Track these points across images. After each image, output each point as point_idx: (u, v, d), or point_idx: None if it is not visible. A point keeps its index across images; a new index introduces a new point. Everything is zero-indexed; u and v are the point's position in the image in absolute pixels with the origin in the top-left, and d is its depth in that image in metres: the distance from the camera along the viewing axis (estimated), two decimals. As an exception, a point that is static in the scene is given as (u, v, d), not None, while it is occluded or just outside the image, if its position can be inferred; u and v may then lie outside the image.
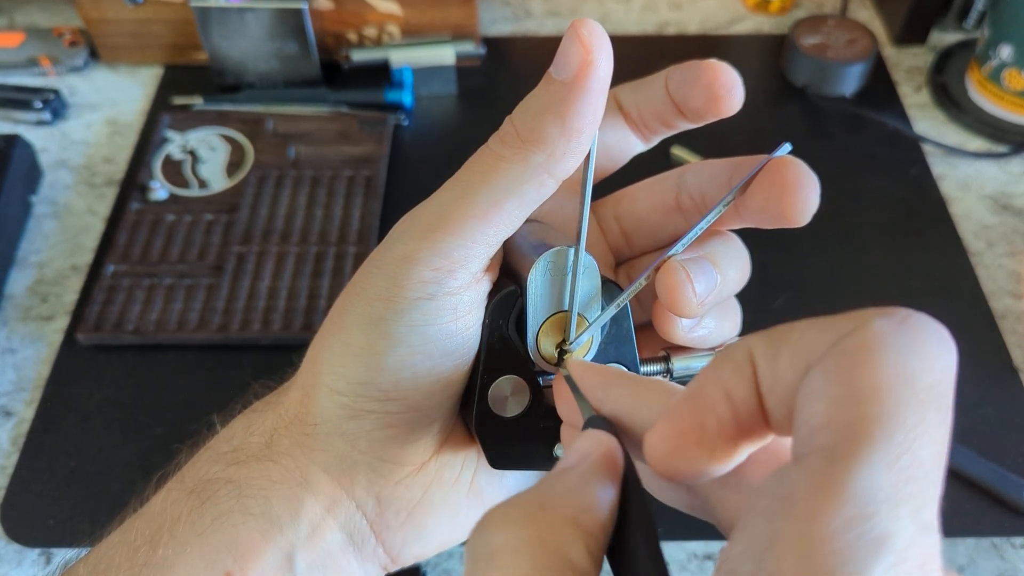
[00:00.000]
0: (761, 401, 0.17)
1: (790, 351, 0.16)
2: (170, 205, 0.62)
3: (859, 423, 0.14)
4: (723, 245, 0.27)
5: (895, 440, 0.14)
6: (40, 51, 0.74)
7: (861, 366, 0.15)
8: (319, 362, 0.26)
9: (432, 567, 0.47)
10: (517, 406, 0.27)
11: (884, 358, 0.14)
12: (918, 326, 0.15)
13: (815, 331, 0.16)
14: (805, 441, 0.15)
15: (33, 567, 0.47)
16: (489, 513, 0.18)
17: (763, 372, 0.16)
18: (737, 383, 0.17)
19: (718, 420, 0.17)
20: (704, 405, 0.17)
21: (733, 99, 0.25)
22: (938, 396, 0.15)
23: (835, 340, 0.15)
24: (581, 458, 0.19)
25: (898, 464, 0.14)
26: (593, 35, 0.22)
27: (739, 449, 0.17)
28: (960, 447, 0.50)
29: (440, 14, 0.72)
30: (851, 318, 0.15)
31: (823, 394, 0.15)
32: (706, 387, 0.17)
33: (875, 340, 0.15)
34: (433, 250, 0.24)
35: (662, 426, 0.17)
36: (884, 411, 0.14)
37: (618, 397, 0.21)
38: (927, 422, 0.14)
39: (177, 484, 0.27)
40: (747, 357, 0.17)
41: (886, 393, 0.14)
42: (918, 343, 0.15)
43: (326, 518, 0.27)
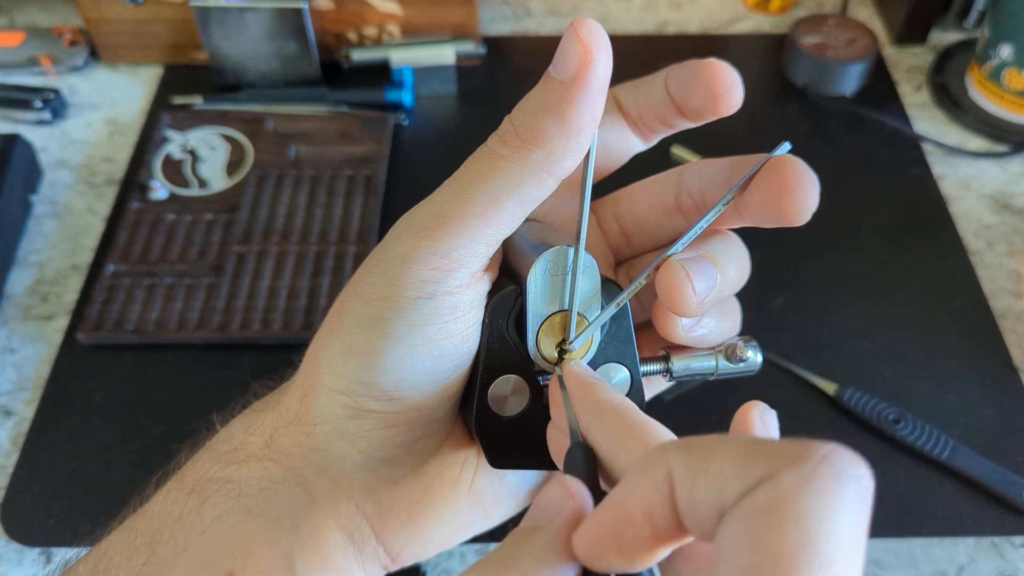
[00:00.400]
0: (678, 518, 0.17)
1: (707, 485, 0.17)
2: (170, 204, 0.62)
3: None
4: (723, 244, 0.27)
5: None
6: (40, 51, 0.74)
7: (768, 529, 0.15)
8: (319, 362, 0.26)
9: (432, 567, 0.47)
10: (517, 406, 0.27)
11: (789, 522, 0.15)
12: (827, 478, 0.15)
13: (732, 465, 0.16)
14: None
15: (33, 566, 0.47)
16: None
17: (681, 498, 0.17)
18: (655, 501, 0.18)
19: (635, 532, 0.18)
20: (622, 517, 0.18)
21: (732, 98, 0.25)
22: (846, 553, 0.15)
23: (747, 488, 0.16)
24: (550, 514, 0.20)
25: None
26: (592, 34, 0.22)
27: (658, 552, 0.18)
28: (960, 447, 0.50)
29: (440, 13, 0.72)
30: (764, 457, 0.16)
31: (732, 560, 0.15)
32: (626, 501, 0.18)
33: (783, 500, 0.15)
34: (432, 249, 0.24)
35: (586, 531, 0.19)
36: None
37: (601, 434, 0.22)
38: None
39: (177, 484, 0.27)
40: (665, 477, 0.17)
41: (790, 565, 0.15)
42: (826, 501, 0.15)
43: (326, 518, 0.27)
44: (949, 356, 0.55)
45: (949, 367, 0.55)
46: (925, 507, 0.48)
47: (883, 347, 0.56)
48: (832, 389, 0.53)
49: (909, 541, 0.48)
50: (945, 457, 0.49)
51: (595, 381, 0.25)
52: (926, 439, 0.50)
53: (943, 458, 0.49)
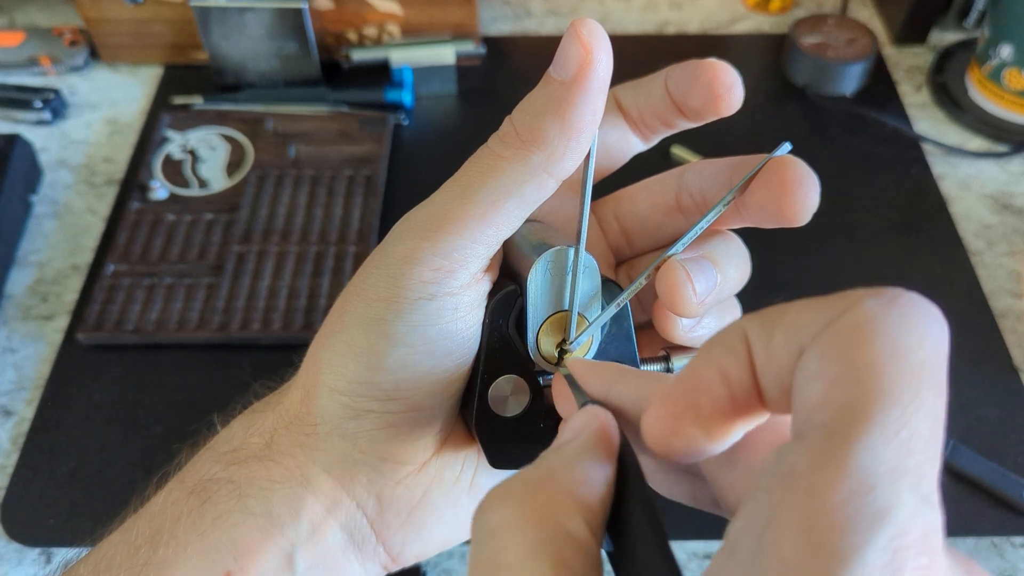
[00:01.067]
0: (756, 380, 0.17)
1: (784, 332, 0.16)
2: (170, 205, 0.62)
3: (857, 400, 0.14)
4: (723, 244, 0.27)
5: (892, 415, 0.14)
6: (40, 51, 0.74)
7: (855, 345, 0.15)
8: (319, 362, 0.26)
9: (432, 567, 0.47)
10: (517, 406, 0.27)
11: (877, 337, 0.15)
12: (908, 304, 0.15)
13: (808, 312, 0.16)
14: (804, 420, 0.15)
15: (33, 566, 0.47)
16: (490, 492, 0.18)
17: (758, 353, 0.17)
18: (731, 363, 0.17)
19: (713, 399, 0.17)
20: (699, 384, 0.17)
21: (733, 98, 0.25)
22: (932, 371, 0.15)
23: (828, 321, 0.15)
24: (577, 432, 0.20)
25: (897, 439, 0.14)
26: (593, 35, 0.22)
27: (735, 427, 0.18)
28: (960, 447, 0.50)
29: (440, 13, 0.72)
30: (842, 299, 0.16)
31: (820, 375, 0.15)
32: (701, 367, 0.17)
33: (867, 320, 0.15)
34: (433, 250, 0.24)
35: (658, 406, 0.18)
36: (880, 388, 0.14)
37: (622, 393, 0.21)
38: (923, 397, 0.15)
39: (177, 484, 0.27)
40: (741, 337, 0.17)
41: (881, 370, 0.14)
42: (909, 321, 0.15)
43: (327, 518, 0.27)
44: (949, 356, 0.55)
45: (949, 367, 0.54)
46: (925, 507, 0.48)
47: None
48: (832, 389, 0.53)
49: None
50: (945, 457, 0.49)
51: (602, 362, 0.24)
52: (926, 439, 0.50)
53: (943, 458, 0.49)
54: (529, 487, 0.18)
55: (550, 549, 0.16)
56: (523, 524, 0.17)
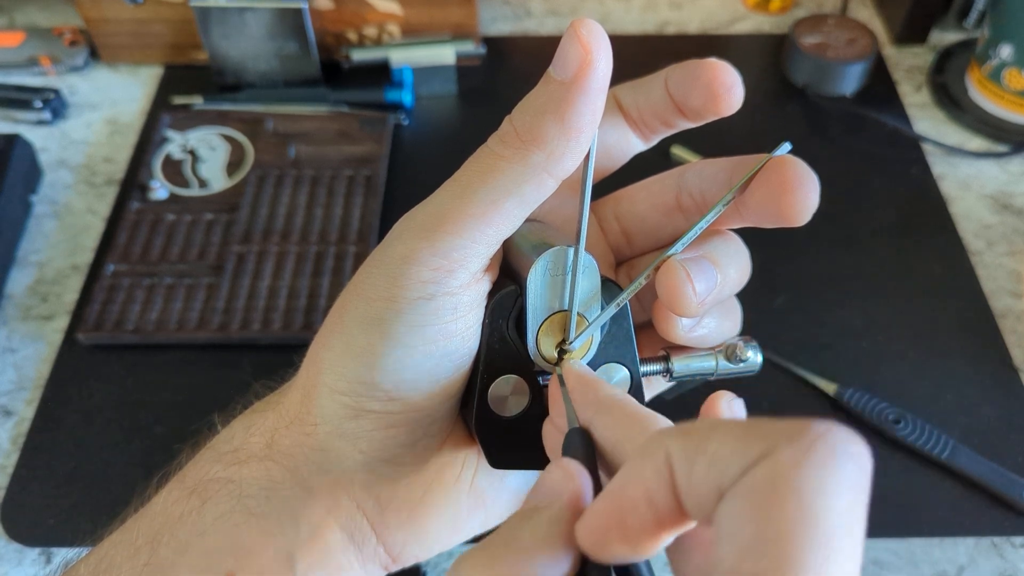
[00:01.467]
0: (679, 502, 0.17)
1: (703, 467, 0.17)
2: (170, 205, 0.62)
3: (769, 572, 0.15)
4: (723, 244, 0.27)
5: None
6: (40, 51, 0.74)
7: (767, 508, 0.15)
8: (319, 362, 0.26)
9: (432, 567, 0.47)
10: (517, 406, 0.27)
11: (789, 498, 0.15)
12: (825, 454, 0.15)
13: (728, 447, 0.16)
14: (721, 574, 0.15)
15: (33, 566, 0.47)
16: (459, 561, 0.19)
17: (680, 480, 0.17)
18: (657, 486, 0.18)
19: (639, 519, 0.18)
20: (625, 505, 0.18)
21: (733, 98, 0.25)
22: (846, 531, 0.15)
23: (746, 466, 0.16)
24: (551, 497, 0.20)
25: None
26: (592, 35, 0.22)
27: (661, 539, 0.18)
28: (960, 447, 0.50)
29: (440, 13, 0.72)
30: (763, 438, 0.16)
31: (731, 537, 0.15)
32: (627, 487, 0.18)
33: (781, 475, 0.15)
34: (432, 250, 0.24)
35: (588, 520, 0.19)
36: (786, 562, 0.14)
37: (604, 426, 0.22)
38: (832, 561, 0.15)
39: (178, 484, 0.27)
40: (665, 461, 0.17)
41: (791, 540, 0.15)
42: (825, 477, 0.15)
43: (327, 518, 0.27)
44: (949, 356, 0.55)
45: (949, 367, 0.55)
46: (925, 507, 0.49)
47: (883, 347, 0.56)
48: (832, 389, 0.53)
49: (909, 541, 0.48)
50: (945, 457, 0.49)
51: (596, 378, 0.25)
52: (926, 439, 0.50)
53: (943, 458, 0.49)
54: (498, 565, 0.19)
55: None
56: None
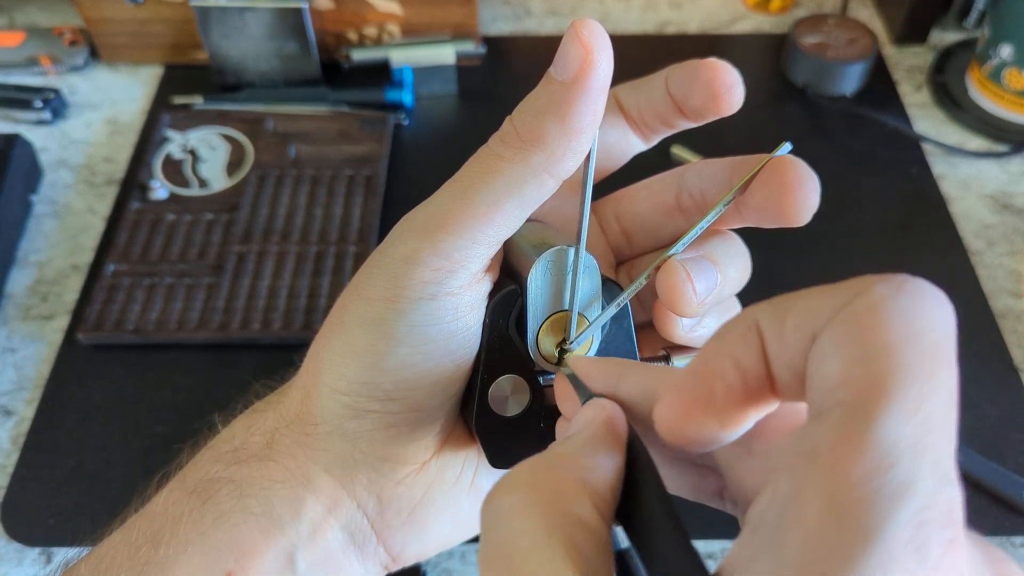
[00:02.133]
0: (768, 367, 0.17)
1: (795, 318, 0.16)
2: (170, 204, 0.62)
3: (875, 379, 0.14)
4: (723, 244, 0.27)
5: (911, 393, 0.14)
6: (40, 50, 0.74)
7: (870, 327, 0.15)
8: (320, 362, 0.26)
9: (432, 567, 0.47)
10: (517, 405, 0.27)
11: (891, 319, 0.15)
12: (917, 289, 0.15)
13: (819, 298, 0.16)
14: (822, 400, 0.15)
15: (34, 566, 0.47)
16: (499, 481, 0.18)
17: (770, 339, 0.17)
18: (744, 351, 0.17)
19: (726, 387, 0.17)
20: (712, 373, 0.17)
21: (733, 98, 0.25)
22: (944, 351, 0.15)
23: (840, 306, 0.16)
24: (586, 424, 0.20)
25: (916, 416, 0.14)
26: (593, 35, 0.22)
27: (748, 415, 0.18)
28: (960, 447, 0.50)
29: (440, 13, 0.72)
30: (852, 285, 0.16)
31: (836, 355, 0.15)
32: (713, 356, 0.18)
33: (879, 303, 0.15)
34: (434, 250, 0.24)
35: (671, 396, 0.18)
36: (897, 367, 0.14)
37: (629, 386, 0.21)
38: (937, 376, 0.15)
39: (178, 484, 0.27)
40: (752, 325, 0.17)
41: (897, 350, 0.15)
42: (919, 304, 0.15)
43: (327, 517, 0.27)
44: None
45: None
46: (925, 507, 0.48)
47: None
48: (832, 389, 0.53)
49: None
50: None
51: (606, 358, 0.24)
52: (926, 439, 0.50)
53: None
54: (538, 475, 0.18)
55: (561, 533, 0.17)
56: (533, 510, 0.17)
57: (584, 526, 0.17)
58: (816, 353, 0.16)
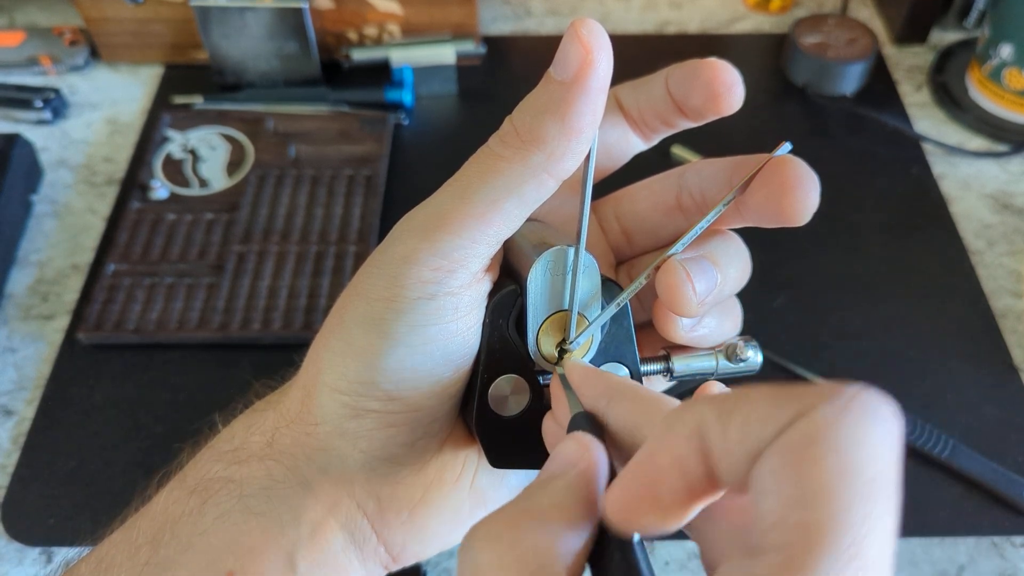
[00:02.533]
0: (710, 468, 0.17)
1: (738, 430, 0.17)
2: (171, 204, 0.62)
3: (810, 527, 0.15)
4: (723, 244, 0.27)
5: (845, 542, 0.15)
6: (40, 50, 0.74)
7: (807, 463, 0.15)
8: (320, 361, 0.26)
9: (433, 567, 0.47)
10: (517, 405, 0.27)
11: (828, 454, 0.15)
12: (860, 412, 0.15)
13: (762, 411, 0.16)
14: (761, 536, 0.16)
15: (34, 566, 0.47)
16: (475, 529, 0.19)
17: (714, 444, 0.17)
18: (687, 454, 0.17)
19: (670, 488, 0.18)
20: (656, 473, 0.18)
21: (733, 97, 0.25)
22: (882, 487, 0.15)
23: (781, 427, 0.16)
24: (566, 466, 0.20)
25: (850, 567, 0.14)
26: (593, 35, 0.22)
27: (691, 509, 0.18)
28: (960, 447, 0.50)
29: (440, 13, 0.72)
30: (797, 399, 0.16)
31: (773, 491, 0.15)
32: (657, 456, 0.18)
33: (819, 433, 0.15)
34: (433, 250, 0.24)
35: (618, 488, 0.19)
36: (833, 514, 0.15)
37: (620, 413, 0.22)
38: (873, 516, 0.15)
39: (179, 483, 0.27)
40: (696, 429, 0.17)
41: (831, 494, 0.15)
42: (861, 434, 0.15)
43: (327, 517, 0.27)
44: (949, 356, 0.55)
45: (949, 367, 0.55)
46: (925, 507, 0.49)
47: (883, 347, 0.56)
48: (832, 389, 0.53)
49: (909, 541, 0.48)
50: (945, 457, 0.49)
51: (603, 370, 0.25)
52: (926, 439, 0.50)
53: (943, 458, 0.49)
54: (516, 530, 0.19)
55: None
56: (507, 568, 0.18)
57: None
58: (756, 479, 0.16)
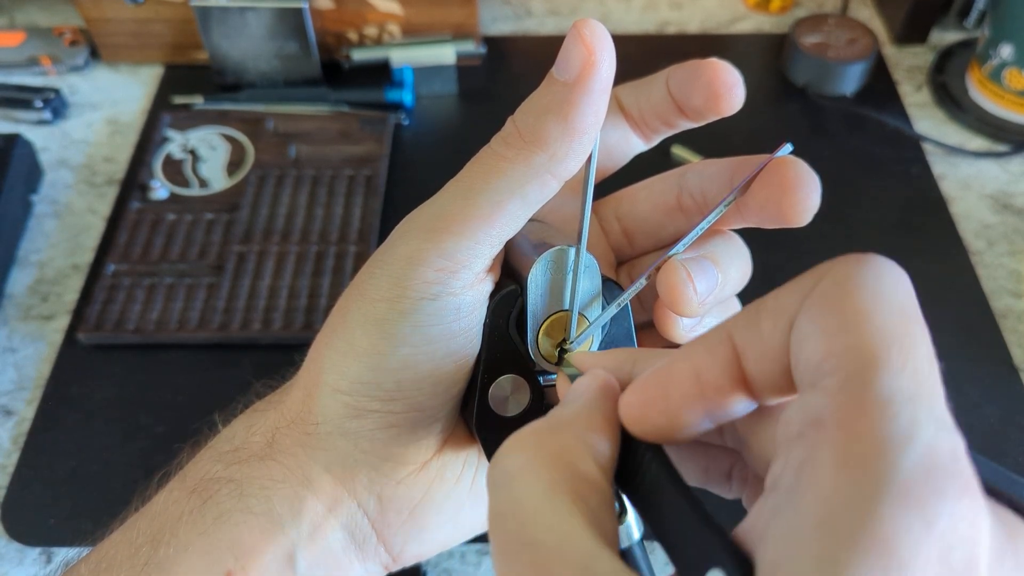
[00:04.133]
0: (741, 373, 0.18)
1: (770, 316, 0.17)
2: (171, 204, 0.62)
3: (859, 344, 0.15)
4: (724, 245, 0.27)
5: (894, 352, 0.15)
6: (41, 50, 0.74)
7: (841, 300, 0.16)
8: (321, 361, 0.26)
9: (433, 567, 0.47)
10: (517, 405, 0.27)
11: (859, 289, 0.16)
12: (875, 262, 0.17)
13: (786, 291, 0.17)
14: (813, 372, 0.16)
15: (34, 566, 0.47)
16: (505, 443, 0.19)
17: (750, 346, 0.18)
18: (707, 363, 0.18)
19: (681, 395, 0.18)
20: (671, 380, 0.19)
21: (734, 98, 0.25)
22: (912, 311, 0.16)
23: (808, 291, 0.17)
24: (583, 390, 0.21)
25: (905, 371, 0.15)
26: (595, 35, 0.22)
27: (702, 421, 0.19)
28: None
29: (440, 13, 0.72)
30: (814, 271, 0.17)
31: (816, 332, 0.16)
32: (677, 363, 0.19)
33: (844, 278, 0.16)
34: (436, 251, 0.24)
35: (631, 392, 0.19)
36: (876, 330, 0.15)
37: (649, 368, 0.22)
38: (913, 333, 0.16)
39: (179, 483, 0.27)
40: (723, 338, 0.18)
41: (871, 315, 0.16)
42: (880, 274, 0.16)
43: (328, 517, 0.27)
44: (949, 356, 0.55)
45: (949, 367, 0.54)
46: (925, 507, 0.48)
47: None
48: (832, 389, 0.53)
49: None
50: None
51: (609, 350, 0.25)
52: (926, 439, 0.50)
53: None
54: (542, 435, 0.19)
55: (567, 487, 0.18)
56: (539, 467, 0.18)
57: (588, 481, 0.18)
58: (796, 337, 0.17)
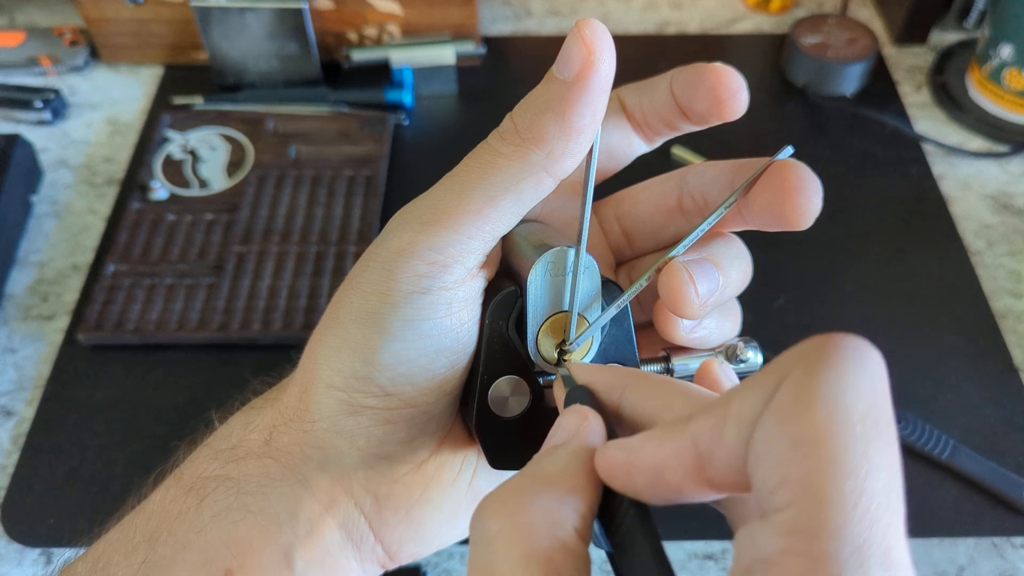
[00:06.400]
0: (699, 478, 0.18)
1: (733, 425, 0.17)
2: (170, 205, 0.62)
3: (812, 478, 0.15)
4: (725, 246, 0.27)
5: (847, 487, 0.14)
6: (40, 51, 0.74)
7: (795, 419, 0.15)
8: (316, 358, 0.26)
9: (432, 567, 0.47)
10: (517, 406, 0.27)
11: (816, 403, 0.15)
12: (838, 356, 0.16)
13: (748, 395, 0.17)
14: (766, 499, 0.16)
15: (34, 566, 0.47)
16: (486, 500, 0.19)
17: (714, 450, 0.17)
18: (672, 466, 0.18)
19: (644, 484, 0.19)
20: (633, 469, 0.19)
21: (738, 103, 0.25)
22: (874, 422, 0.15)
23: (767, 397, 0.16)
24: (569, 435, 0.21)
25: (856, 511, 0.14)
26: (596, 35, 0.22)
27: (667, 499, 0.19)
28: (960, 447, 0.50)
29: (440, 14, 0.72)
30: (777, 368, 0.16)
31: (771, 456, 0.16)
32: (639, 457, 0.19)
33: (802, 387, 0.15)
34: (428, 244, 0.24)
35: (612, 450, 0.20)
36: (830, 460, 0.15)
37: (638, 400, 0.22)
38: (872, 454, 0.15)
39: (175, 482, 0.27)
40: (688, 444, 0.18)
41: (824, 440, 0.15)
42: (843, 376, 0.15)
43: (324, 516, 0.27)
44: (949, 356, 0.55)
45: (949, 367, 0.55)
46: (925, 507, 0.49)
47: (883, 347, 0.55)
48: (832, 389, 0.53)
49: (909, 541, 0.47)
50: (945, 457, 0.49)
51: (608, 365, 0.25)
52: (926, 439, 0.50)
53: (943, 458, 0.49)
54: (522, 499, 0.19)
55: (542, 558, 0.18)
56: (516, 537, 0.18)
57: (564, 548, 0.18)
58: (753, 454, 0.16)
